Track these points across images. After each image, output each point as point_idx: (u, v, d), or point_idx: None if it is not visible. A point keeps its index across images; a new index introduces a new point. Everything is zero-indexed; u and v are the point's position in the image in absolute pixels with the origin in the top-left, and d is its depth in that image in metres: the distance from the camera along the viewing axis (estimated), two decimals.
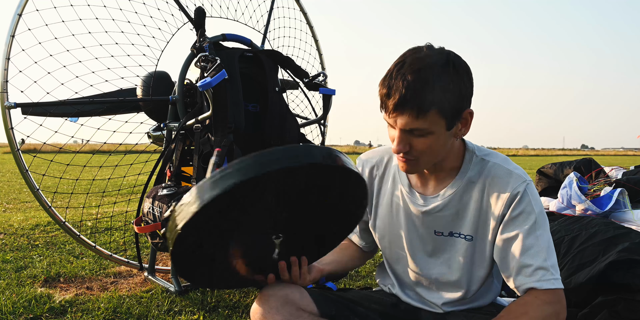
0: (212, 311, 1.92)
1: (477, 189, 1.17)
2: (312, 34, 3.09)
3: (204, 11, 2.06)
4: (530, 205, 1.12)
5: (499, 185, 1.14)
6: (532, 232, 1.10)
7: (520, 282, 1.10)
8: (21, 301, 1.94)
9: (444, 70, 1.03)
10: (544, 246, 1.10)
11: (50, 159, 2.25)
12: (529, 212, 1.12)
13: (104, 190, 3.86)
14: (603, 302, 1.53)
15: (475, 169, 1.18)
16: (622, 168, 3.79)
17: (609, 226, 1.89)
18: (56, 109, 2.14)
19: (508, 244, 1.13)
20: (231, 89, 1.97)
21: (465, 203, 1.18)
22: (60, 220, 2.19)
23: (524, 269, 1.09)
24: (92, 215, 4.01)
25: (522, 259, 1.10)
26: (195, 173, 1.85)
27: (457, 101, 1.06)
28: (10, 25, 1.99)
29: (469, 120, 1.12)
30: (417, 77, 1.01)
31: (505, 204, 1.13)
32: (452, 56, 1.06)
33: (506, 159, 1.20)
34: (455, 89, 1.04)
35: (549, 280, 1.08)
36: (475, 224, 1.18)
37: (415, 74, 1.01)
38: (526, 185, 1.13)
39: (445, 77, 1.03)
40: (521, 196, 1.12)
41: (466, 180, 1.18)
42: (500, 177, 1.15)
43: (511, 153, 46.98)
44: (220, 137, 1.78)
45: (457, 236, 1.21)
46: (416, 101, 1.02)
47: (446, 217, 1.21)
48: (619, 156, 43.62)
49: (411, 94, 1.01)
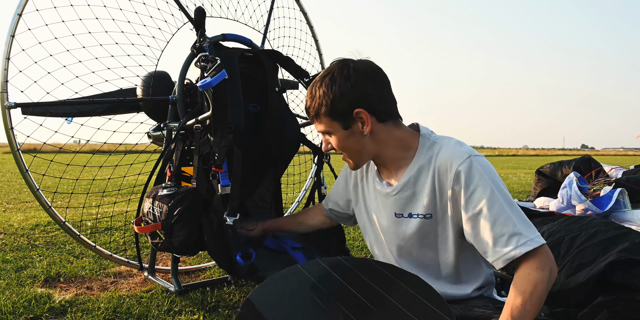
0: (212, 311, 1.92)
1: (429, 170, 1.26)
2: (312, 34, 3.09)
3: (204, 11, 2.06)
4: (481, 177, 1.17)
5: (445, 164, 1.22)
6: (494, 202, 1.14)
7: (499, 254, 1.12)
8: (21, 301, 1.94)
9: (323, 81, 1.27)
10: (510, 212, 1.13)
11: (50, 159, 2.25)
12: (483, 184, 1.16)
13: (104, 190, 3.86)
14: (603, 302, 1.53)
15: (428, 153, 1.27)
16: (622, 167, 3.78)
17: (609, 226, 1.89)
18: (56, 109, 2.14)
19: (475, 220, 1.17)
20: (231, 89, 1.97)
21: (421, 185, 1.27)
22: (60, 220, 2.19)
23: (499, 239, 1.12)
24: (92, 215, 4.01)
25: (494, 230, 1.13)
26: (195, 173, 1.85)
27: (340, 104, 1.24)
28: (10, 25, 1.98)
29: (365, 119, 1.25)
30: (310, 90, 1.31)
31: (453, 181, 1.20)
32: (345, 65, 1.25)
33: (458, 141, 1.28)
34: (335, 94, 1.24)
35: (525, 244, 1.10)
36: (431, 204, 1.26)
37: (309, 89, 1.31)
38: (470, 159, 1.19)
39: (326, 86, 1.25)
40: (468, 170, 1.18)
41: (418, 165, 1.27)
42: (445, 156, 1.23)
43: (511, 153, 46.96)
44: (220, 137, 1.78)
45: (416, 217, 1.29)
46: (310, 109, 1.31)
47: (403, 199, 1.31)
48: (619, 156, 43.61)
49: (315, 107, 1.29)
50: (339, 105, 1.25)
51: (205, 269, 2.58)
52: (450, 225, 1.25)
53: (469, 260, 1.31)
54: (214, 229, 1.69)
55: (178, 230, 1.71)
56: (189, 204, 1.72)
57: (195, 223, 1.72)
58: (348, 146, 1.31)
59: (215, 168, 1.74)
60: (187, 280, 2.36)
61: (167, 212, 1.73)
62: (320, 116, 1.29)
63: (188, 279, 2.40)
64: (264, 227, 1.83)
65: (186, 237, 1.71)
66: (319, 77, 1.30)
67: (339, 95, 1.24)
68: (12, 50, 1.98)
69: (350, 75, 1.23)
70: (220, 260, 1.71)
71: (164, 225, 1.73)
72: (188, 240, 1.72)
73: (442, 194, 1.24)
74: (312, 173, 3.07)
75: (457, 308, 1.25)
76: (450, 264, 1.30)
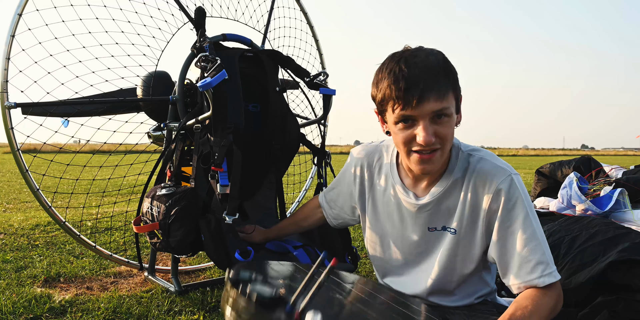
0: (212, 311, 1.92)
1: (464, 184, 1.19)
2: (313, 34, 3.08)
3: (204, 11, 2.06)
4: (520, 198, 1.13)
5: (484, 180, 1.16)
6: (528, 226, 1.11)
7: (523, 279, 1.11)
8: (21, 301, 1.94)
9: (444, 60, 1.11)
10: (541, 239, 1.11)
11: (51, 159, 2.25)
12: (521, 206, 1.12)
13: (104, 190, 3.86)
14: (603, 302, 1.53)
15: (463, 165, 1.20)
16: (622, 168, 3.78)
17: (609, 226, 1.89)
18: (56, 109, 2.14)
19: (505, 240, 1.13)
20: (231, 89, 1.97)
21: (455, 198, 1.20)
22: (60, 220, 2.19)
23: (525, 264, 1.10)
24: (92, 215, 4.01)
25: (522, 254, 1.10)
26: (194, 173, 1.85)
27: (458, 86, 1.13)
28: (10, 25, 1.98)
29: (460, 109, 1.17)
30: (428, 67, 1.07)
31: (491, 198, 1.14)
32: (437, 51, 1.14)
33: (492, 154, 1.22)
34: (455, 75, 1.12)
35: (550, 275, 1.10)
36: (460, 219, 1.20)
37: (424, 64, 1.07)
38: (511, 179, 1.14)
39: (446, 65, 1.11)
40: (508, 190, 1.13)
41: (454, 176, 1.20)
42: (485, 171, 1.16)
43: (511, 153, 46.95)
44: (219, 138, 1.78)
45: (448, 230, 1.23)
46: (436, 85, 1.07)
47: (437, 213, 1.23)
48: (619, 156, 43.61)
49: (432, 79, 1.06)
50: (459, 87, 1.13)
51: (205, 269, 2.58)
52: (479, 243, 1.19)
53: (482, 274, 1.29)
54: (212, 229, 1.69)
55: (175, 230, 1.71)
56: (186, 203, 1.72)
57: (192, 223, 1.72)
58: (452, 135, 1.14)
59: (215, 167, 1.74)
60: (187, 280, 2.36)
61: (165, 212, 1.73)
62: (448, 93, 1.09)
63: (188, 279, 2.40)
64: (265, 237, 1.80)
65: (183, 237, 1.71)
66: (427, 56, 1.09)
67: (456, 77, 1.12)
68: (12, 50, 1.98)
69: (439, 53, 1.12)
70: (218, 260, 1.71)
71: (162, 225, 1.73)
72: (185, 240, 1.72)
73: (474, 210, 1.18)
74: (312, 173, 3.07)
75: (460, 313, 1.24)
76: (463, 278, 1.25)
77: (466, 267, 1.24)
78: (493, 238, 1.16)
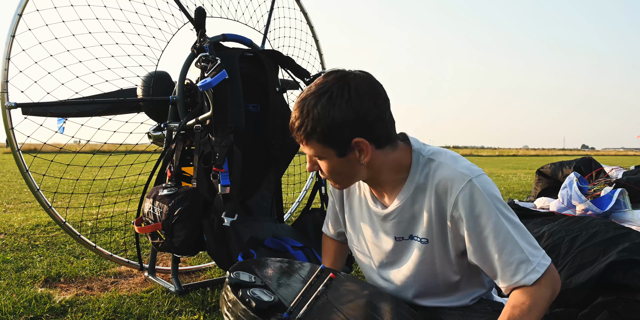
0: (212, 311, 1.92)
1: (427, 191, 1.15)
2: (313, 34, 3.09)
3: (204, 11, 2.06)
4: (484, 202, 1.08)
5: (444, 187, 1.12)
6: (500, 230, 1.07)
7: (509, 282, 1.08)
8: (21, 301, 1.95)
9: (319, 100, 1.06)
10: (517, 236, 1.08)
11: (51, 159, 2.25)
12: (487, 211, 1.08)
13: (105, 191, 3.86)
14: (603, 302, 1.53)
15: (423, 171, 1.16)
16: (623, 168, 3.79)
17: (609, 226, 1.89)
18: (56, 109, 2.14)
19: (481, 250, 1.10)
20: (232, 89, 1.97)
21: (419, 207, 1.17)
22: (60, 220, 2.19)
23: (507, 268, 1.08)
24: (92, 215, 4.01)
25: (501, 259, 1.08)
26: (196, 173, 1.85)
27: (339, 132, 1.07)
28: (10, 25, 1.99)
29: (364, 149, 1.10)
30: (301, 106, 1.08)
31: (453, 206, 1.10)
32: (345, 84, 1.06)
33: (453, 156, 1.17)
34: (335, 120, 1.05)
35: (533, 271, 1.06)
36: (429, 227, 1.17)
37: (298, 105, 1.09)
38: (472, 184, 1.09)
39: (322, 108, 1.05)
40: (471, 196, 1.08)
41: (415, 185, 1.16)
42: (445, 178, 1.12)
43: (511, 153, 46.96)
44: (220, 138, 1.78)
45: (416, 239, 1.20)
46: (299, 129, 1.10)
47: (402, 222, 1.20)
48: (619, 156, 43.61)
49: (296, 123, 1.10)
50: (338, 133, 1.07)
51: (206, 269, 2.58)
52: (452, 250, 1.17)
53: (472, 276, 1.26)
54: (215, 229, 1.69)
55: (178, 231, 1.71)
56: (189, 204, 1.72)
57: (195, 223, 1.72)
58: (339, 172, 1.16)
59: (216, 168, 1.74)
60: (187, 281, 2.36)
61: (168, 212, 1.73)
62: (312, 140, 1.10)
63: (188, 279, 2.40)
64: None
65: (186, 237, 1.71)
66: (312, 92, 1.08)
67: (340, 122, 1.06)
68: (12, 51, 1.98)
69: (352, 98, 1.05)
70: (220, 260, 1.71)
71: (165, 226, 1.73)
72: (188, 240, 1.72)
73: (440, 217, 1.15)
74: (312, 173, 3.06)
75: (455, 314, 1.24)
76: (450, 283, 1.23)
77: (449, 273, 1.21)
78: (468, 246, 1.13)
